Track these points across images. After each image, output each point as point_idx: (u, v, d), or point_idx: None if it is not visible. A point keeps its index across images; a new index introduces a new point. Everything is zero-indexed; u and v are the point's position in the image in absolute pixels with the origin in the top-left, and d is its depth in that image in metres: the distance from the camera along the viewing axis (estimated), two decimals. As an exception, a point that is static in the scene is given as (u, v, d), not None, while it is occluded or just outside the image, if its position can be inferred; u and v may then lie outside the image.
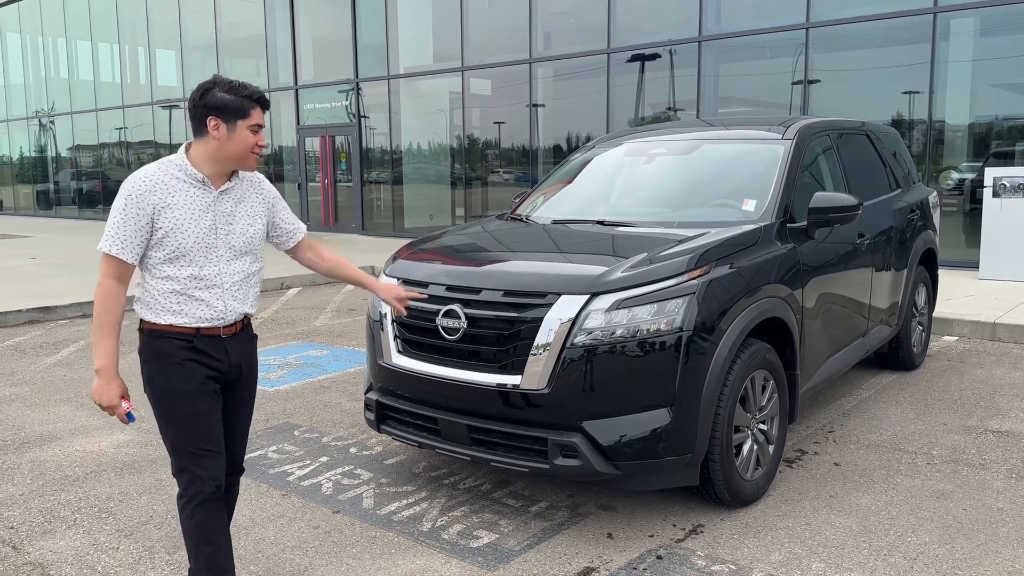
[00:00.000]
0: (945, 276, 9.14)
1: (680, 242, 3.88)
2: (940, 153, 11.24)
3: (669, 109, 13.24)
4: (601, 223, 4.46)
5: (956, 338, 7.34)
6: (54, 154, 27.29)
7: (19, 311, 8.72)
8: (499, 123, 15.96)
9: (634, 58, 13.54)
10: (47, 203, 28.01)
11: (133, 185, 2.62)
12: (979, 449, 4.59)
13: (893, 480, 4.19)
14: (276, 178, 19.24)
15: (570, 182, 5.29)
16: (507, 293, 3.58)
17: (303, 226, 3.09)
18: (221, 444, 2.81)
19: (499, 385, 3.53)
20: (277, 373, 6.45)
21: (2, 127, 29.46)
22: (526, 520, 3.76)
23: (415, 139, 17.30)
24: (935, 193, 6.82)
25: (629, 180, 5.02)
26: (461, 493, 4.07)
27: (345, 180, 18.13)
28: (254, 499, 4.05)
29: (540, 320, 3.45)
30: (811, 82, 11.91)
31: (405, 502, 3.98)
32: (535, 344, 3.45)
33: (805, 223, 4.42)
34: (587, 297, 3.45)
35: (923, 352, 6.41)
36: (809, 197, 4.44)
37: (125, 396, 2.74)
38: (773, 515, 3.80)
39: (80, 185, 26.36)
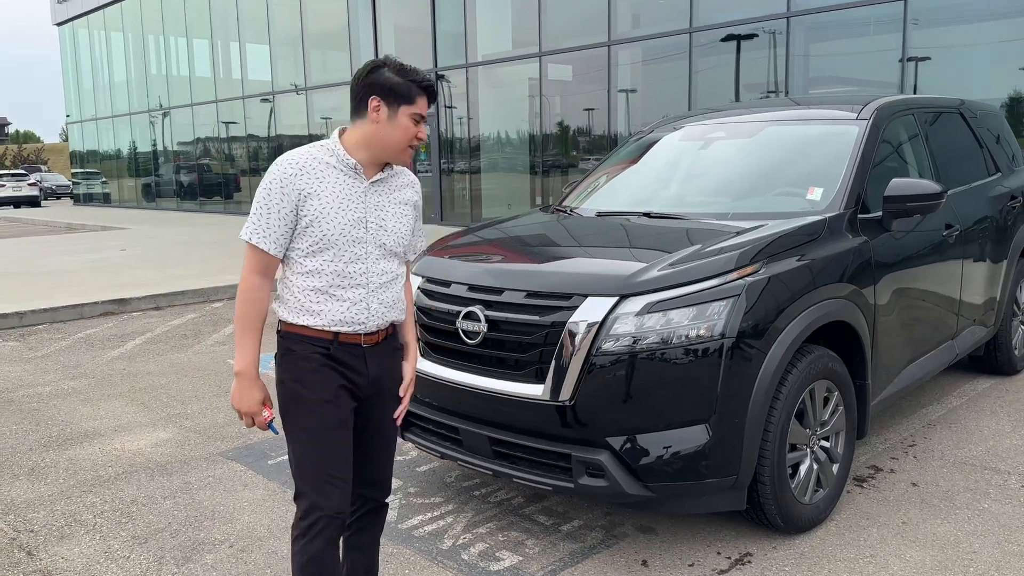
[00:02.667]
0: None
1: (730, 236, 3.49)
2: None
3: (770, 92, 12.53)
4: (648, 215, 4.08)
5: (1068, 338, 6.60)
6: (157, 148, 28.34)
7: (95, 303, 8.91)
8: (578, 109, 15.56)
9: (718, 37, 12.91)
10: (149, 195, 29.18)
11: (278, 169, 2.36)
12: (1086, 471, 4.02)
13: (979, 505, 3.68)
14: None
15: (622, 170, 4.92)
16: (530, 294, 3.26)
17: (421, 248, 2.70)
18: (349, 471, 2.46)
19: (520, 395, 3.22)
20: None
21: (107, 123, 30.81)
22: (555, 541, 3.45)
23: (493, 127, 17.09)
24: (1043, 177, 6.10)
25: (683, 167, 4.61)
26: (490, 507, 3.80)
27: (425, 170, 18.08)
28: (278, 507, 3.88)
29: (563, 324, 3.13)
30: (911, 59, 11.06)
31: (429, 515, 3.73)
32: (558, 351, 3.12)
33: (880, 214, 3.95)
34: (615, 299, 3.10)
35: (1027, 355, 5.75)
36: (886, 184, 3.95)
37: (267, 403, 2.43)
38: (834, 544, 3.38)
39: (179, 178, 27.31)
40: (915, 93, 10.72)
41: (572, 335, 3.10)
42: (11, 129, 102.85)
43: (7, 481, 4.29)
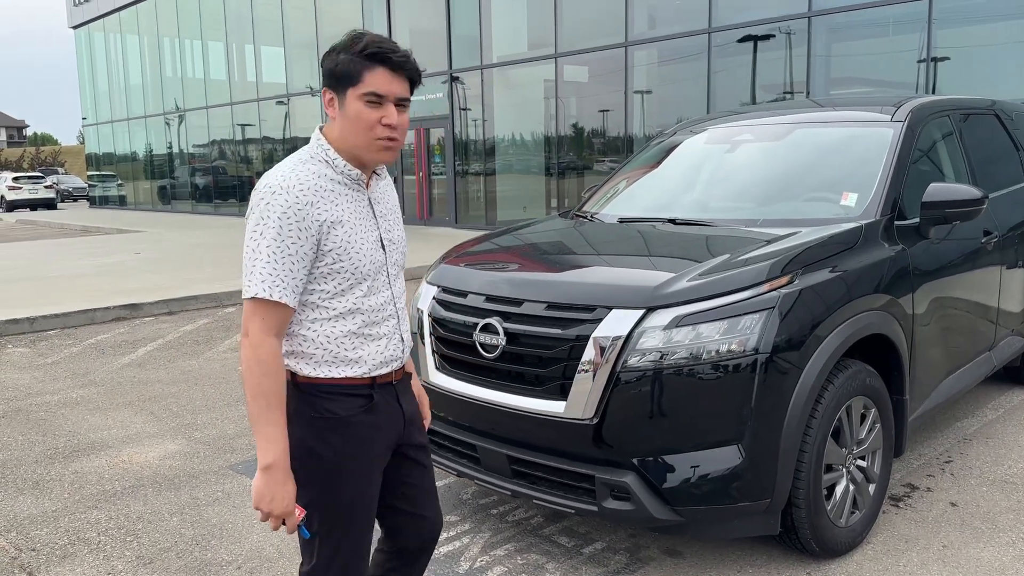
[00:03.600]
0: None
1: (762, 244, 3.31)
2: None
3: (786, 93, 12.31)
4: (672, 222, 3.91)
5: (1105, 347, 6.37)
6: (173, 151, 28.36)
7: (107, 308, 8.82)
8: (594, 110, 15.39)
9: (737, 38, 12.71)
10: (164, 198, 29.23)
11: (286, 199, 1.87)
12: None
13: (1023, 527, 3.50)
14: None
15: (644, 174, 4.75)
16: (550, 306, 3.10)
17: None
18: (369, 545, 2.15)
19: (541, 412, 3.06)
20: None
21: (123, 125, 30.89)
22: (576, 565, 3.29)
23: (509, 129, 16.94)
24: (1081, 180, 5.88)
25: (709, 171, 4.44)
26: (508, 527, 3.63)
27: (439, 172, 17.96)
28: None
29: (587, 338, 2.97)
30: (934, 60, 10.82)
31: (445, 535, 3.57)
32: (581, 366, 2.96)
33: (917, 220, 3.76)
34: (642, 312, 2.94)
35: (1064, 365, 5.53)
36: (923, 189, 3.77)
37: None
38: (871, 569, 3.19)
39: (195, 180, 27.33)
40: (934, 93, 10.50)
41: (596, 350, 2.94)
42: (29, 131, 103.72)
43: (11, 495, 4.17)
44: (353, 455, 2.00)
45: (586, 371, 2.96)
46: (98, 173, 33.88)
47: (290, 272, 1.88)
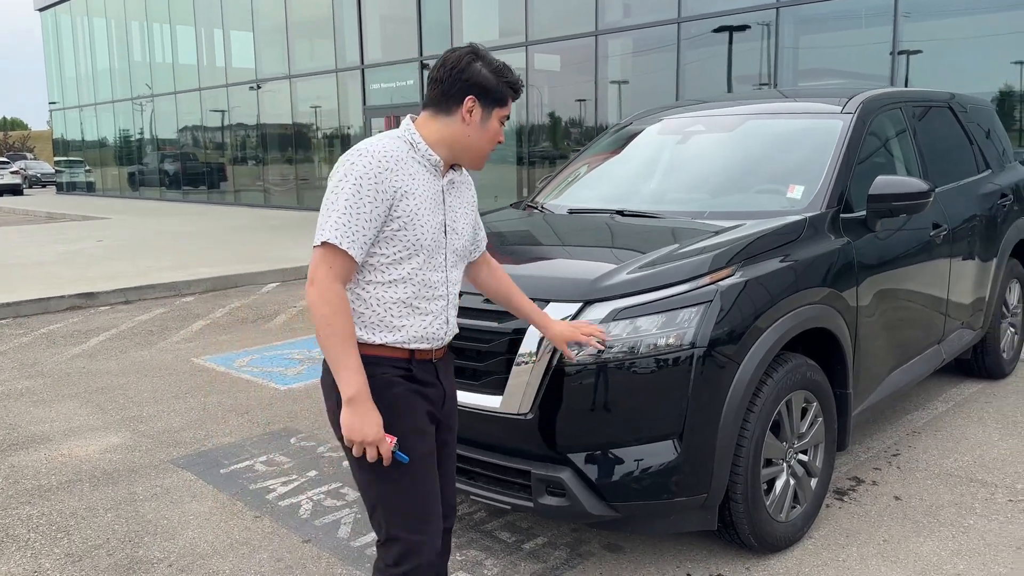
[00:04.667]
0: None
1: (704, 237, 3.28)
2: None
3: (763, 84, 12.29)
4: (621, 213, 3.87)
5: (1058, 339, 6.42)
6: (144, 137, 27.92)
7: (62, 297, 8.64)
8: (566, 99, 15.31)
9: (707, 28, 12.67)
10: (134, 184, 28.79)
11: (369, 162, 2.05)
12: (1077, 484, 3.84)
13: (964, 521, 3.50)
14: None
15: (598, 164, 4.70)
16: (488, 299, 3.04)
17: (485, 237, 2.56)
18: (440, 509, 2.24)
19: (477, 407, 3.01)
20: (296, 369, 6.09)
21: (91, 110, 30.37)
22: (516, 561, 3.25)
23: (479, 118, 16.80)
24: (1035, 174, 5.91)
25: (660, 163, 4.39)
26: (450, 522, 3.58)
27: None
28: (225, 521, 3.66)
29: (524, 332, 2.91)
30: (901, 52, 10.85)
31: (385, 531, 3.52)
32: (518, 360, 2.91)
33: (864, 213, 3.74)
34: (579, 305, 2.89)
35: (1016, 358, 5.57)
36: (871, 182, 3.75)
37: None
38: (810, 564, 3.18)
39: (164, 167, 26.92)
40: (906, 86, 10.52)
41: (532, 343, 2.88)
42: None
43: (-57, 490, 4.06)
44: (400, 414, 2.12)
45: (523, 364, 2.91)
46: (65, 159, 33.29)
47: (361, 228, 2.04)
